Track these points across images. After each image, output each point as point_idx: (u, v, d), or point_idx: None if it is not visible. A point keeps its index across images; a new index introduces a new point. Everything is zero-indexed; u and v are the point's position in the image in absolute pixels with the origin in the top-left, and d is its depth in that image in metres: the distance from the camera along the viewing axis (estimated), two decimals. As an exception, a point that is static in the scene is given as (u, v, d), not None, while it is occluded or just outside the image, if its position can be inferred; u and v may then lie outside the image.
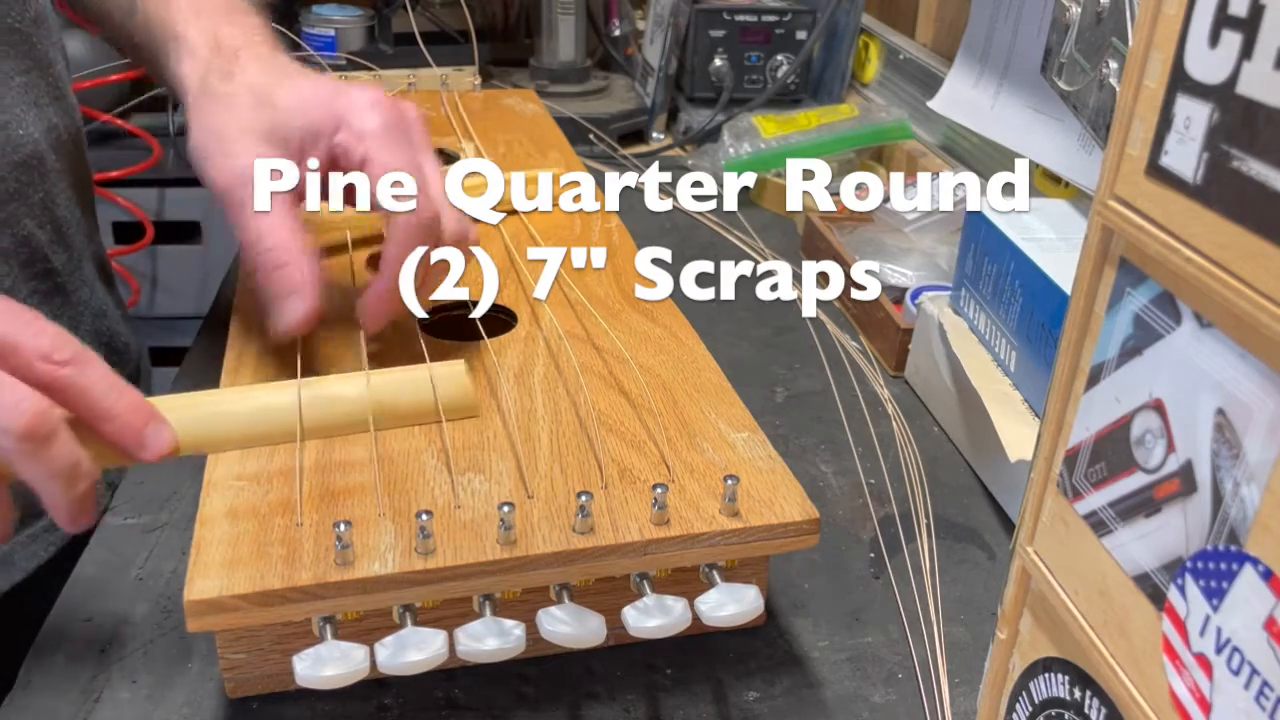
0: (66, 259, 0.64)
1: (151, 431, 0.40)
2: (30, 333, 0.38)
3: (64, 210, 0.63)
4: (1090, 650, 0.29)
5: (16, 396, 0.36)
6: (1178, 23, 0.25)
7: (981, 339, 0.64)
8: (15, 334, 0.38)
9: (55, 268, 0.63)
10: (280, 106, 0.48)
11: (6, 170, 0.57)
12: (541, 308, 0.55)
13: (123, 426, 0.40)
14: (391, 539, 0.39)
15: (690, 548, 0.41)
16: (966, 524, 0.55)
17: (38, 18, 0.61)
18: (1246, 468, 0.23)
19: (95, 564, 0.49)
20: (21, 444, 0.36)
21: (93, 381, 0.39)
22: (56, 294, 0.63)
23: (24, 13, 0.59)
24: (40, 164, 0.60)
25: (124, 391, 0.40)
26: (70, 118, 0.65)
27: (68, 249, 0.64)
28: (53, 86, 0.62)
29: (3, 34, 0.58)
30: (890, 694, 0.44)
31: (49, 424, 0.37)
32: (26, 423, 0.36)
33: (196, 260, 1.27)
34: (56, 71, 0.63)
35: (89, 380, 0.39)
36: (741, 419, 0.48)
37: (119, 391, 0.40)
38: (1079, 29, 0.62)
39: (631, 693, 0.43)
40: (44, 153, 0.61)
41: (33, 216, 0.60)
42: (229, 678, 0.42)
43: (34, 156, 0.59)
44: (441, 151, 0.80)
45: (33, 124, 0.60)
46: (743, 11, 1.08)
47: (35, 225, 0.60)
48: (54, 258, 0.63)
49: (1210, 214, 0.24)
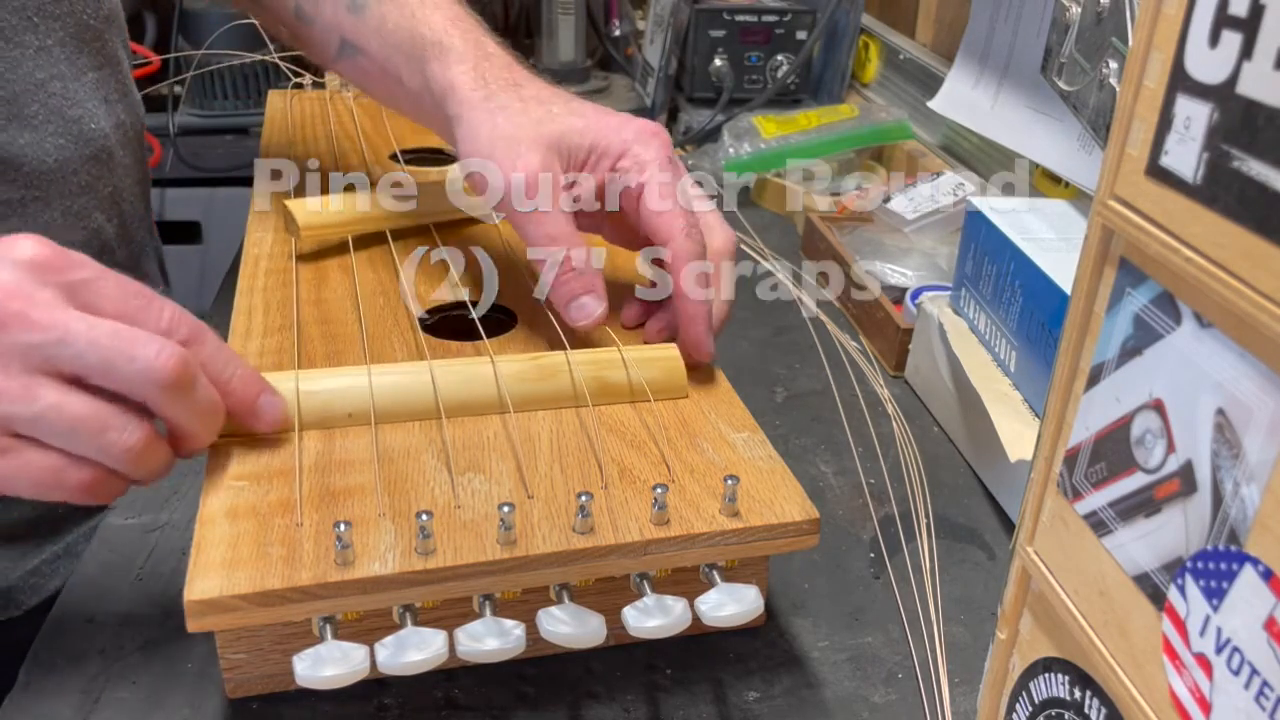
0: (129, 253, 0.65)
1: (264, 403, 0.43)
2: (150, 311, 0.40)
3: (129, 205, 0.64)
4: (1090, 650, 0.29)
5: (155, 348, 0.38)
6: (1178, 23, 0.25)
7: (981, 339, 0.64)
8: (135, 313, 0.39)
9: (120, 262, 0.64)
10: (569, 124, 0.51)
11: (79, 164, 0.58)
12: (541, 308, 0.55)
13: (238, 399, 0.42)
14: (391, 539, 0.39)
15: (690, 548, 0.41)
16: (966, 524, 0.55)
17: (110, 15, 0.62)
18: (1246, 468, 0.23)
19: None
20: (166, 392, 0.39)
21: (209, 356, 0.41)
22: None
23: (98, 10, 0.60)
24: (110, 158, 0.61)
25: (238, 365, 0.43)
26: (135, 114, 0.65)
27: (131, 243, 0.65)
28: (120, 83, 0.63)
29: (78, 30, 0.58)
30: (890, 694, 0.44)
31: (190, 370, 0.39)
32: (171, 370, 0.38)
33: (196, 260, 1.27)
34: (123, 68, 0.64)
35: (206, 355, 0.41)
36: (741, 419, 0.48)
37: (234, 365, 0.42)
38: (1079, 29, 0.62)
39: (631, 693, 0.43)
40: (113, 147, 0.62)
41: (102, 210, 0.61)
42: (229, 678, 0.42)
43: (104, 151, 0.60)
44: (441, 151, 0.80)
45: (103, 119, 0.60)
46: (743, 11, 1.08)
47: (104, 219, 0.61)
48: (119, 252, 0.64)
49: (1210, 214, 0.24)
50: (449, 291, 0.57)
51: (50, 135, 0.56)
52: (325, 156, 0.77)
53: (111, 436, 0.38)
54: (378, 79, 0.59)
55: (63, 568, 0.59)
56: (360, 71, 0.60)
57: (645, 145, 0.51)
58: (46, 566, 0.59)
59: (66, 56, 0.58)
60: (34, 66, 0.55)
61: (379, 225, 0.63)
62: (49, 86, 0.56)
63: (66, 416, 0.37)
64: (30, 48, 0.55)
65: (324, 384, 0.46)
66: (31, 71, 0.55)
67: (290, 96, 0.91)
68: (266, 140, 0.80)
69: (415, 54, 0.56)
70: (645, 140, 0.51)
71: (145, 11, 1.20)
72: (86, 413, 0.38)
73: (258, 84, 1.20)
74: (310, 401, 0.45)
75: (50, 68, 0.56)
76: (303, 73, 1.00)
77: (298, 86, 0.95)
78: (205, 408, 0.41)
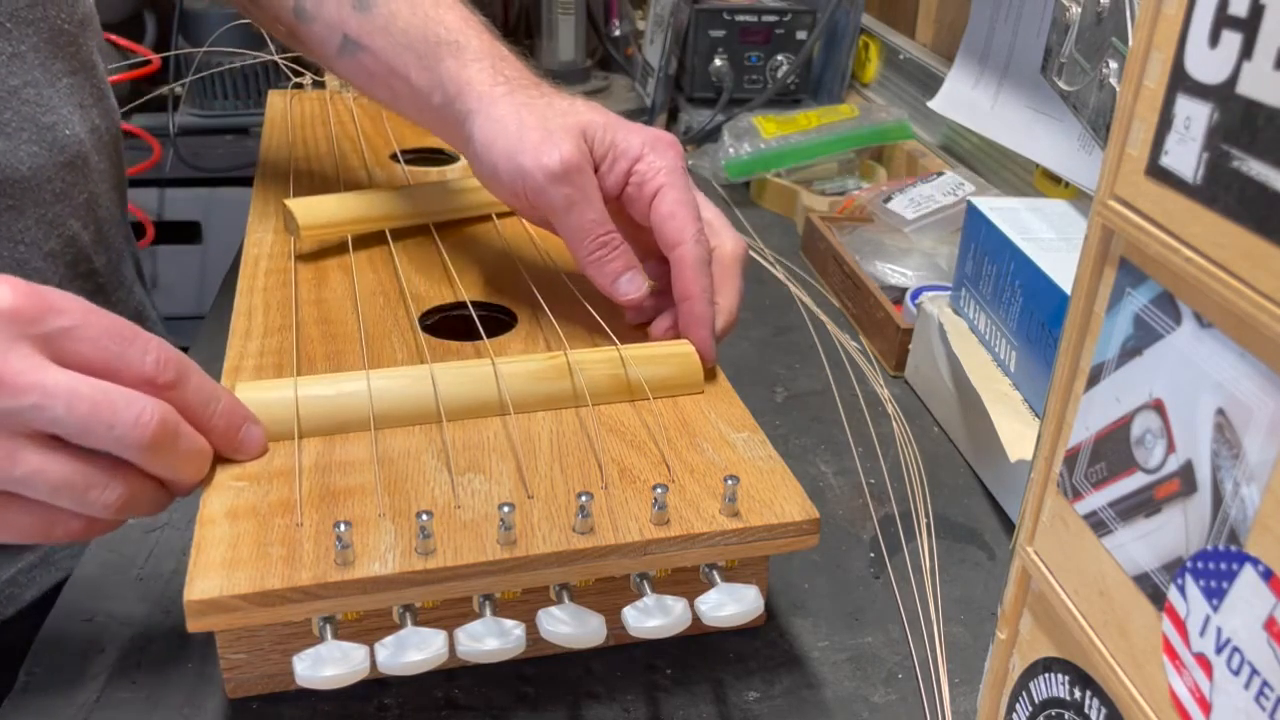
0: (107, 260, 0.65)
1: (246, 435, 0.43)
2: (133, 355, 0.39)
3: (105, 211, 0.64)
4: (1090, 650, 0.29)
5: (135, 412, 0.38)
6: (1178, 23, 0.25)
7: (981, 339, 0.64)
8: (117, 359, 0.39)
9: (97, 268, 0.63)
10: (592, 119, 0.52)
11: (54, 171, 0.58)
12: (541, 308, 0.55)
13: (221, 435, 0.42)
14: (391, 539, 0.39)
15: (690, 548, 0.41)
16: (966, 524, 0.55)
17: (85, 19, 0.61)
18: (1246, 468, 0.23)
19: (95, 564, 0.49)
20: (147, 453, 0.38)
21: (193, 393, 0.41)
22: (98, 295, 0.63)
23: (73, 14, 0.59)
24: (85, 165, 0.61)
25: (221, 399, 0.42)
26: (110, 119, 0.65)
27: (108, 250, 0.65)
28: (96, 87, 0.63)
29: (53, 35, 0.58)
30: (890, 694, 0.44)
31: (170, 429, 0.39)
32: (152, 434, 0.38)
33: (196, 260, 1.27)
34: (99, 73, 0.63)
35: (190, 393, 0.41)
36: (741, 419, 0.48)
37: (216, 400, 0.42)
38: (1079, 29, 0.62)
39: (631, 693, 0.43)
40: (88, 153, 0.61)
41: (78, 217, 0.61)
42: (229, 678, 0.42)
43: (79, 157, 0.60)
44: (441, 151, 0.80)
45: (78, 125, 0.60)
46: (743, 11, 1.08)
47: (80, 226, 0.61)
48: (96, 259, 0.63)
49: (1210, 214, 0.24)
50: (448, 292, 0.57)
51: (24, 143, 0.56)
52: (325, 156, 0.77)
53: (94, 495, 0.38)
54: (381, 77, 0.59)
55: (40, 577, 0.59)
56: (362, 69, 0.60)
57: (661, 153, 0.51)
58: (23, 576, 0.58)
59: (40, 62, 0.57)
60: (7, 73, 0.55)
61: (379, 225, 0.63)
62: (22, 93, 0.55)
63: (49, 481, 0.37)
64: (3, 54, 0.55)
65: (323, 390, 0.46)
66: (4, 78, 0.55)
67: (290, 96, 0.91)
68: (266, 140, 0.80)
69: (427, 51, 0.56)
70: (662, 148, 0.52)
71: (145, 11, 1.20)
72: (68, 475, 0.37)
73: (258, 84, 1.20)
74: (309, 408, 0.45)
75: (24, 74, 0.56)
76: (303, 73, 1.00)
77: (298, 86, 0.95)
78: (189, 458, 0.40)
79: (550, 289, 0.58)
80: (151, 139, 1.15)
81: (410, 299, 0.56)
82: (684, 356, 0.50)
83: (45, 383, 0.36)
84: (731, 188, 0.98)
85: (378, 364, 0.50)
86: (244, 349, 0.51)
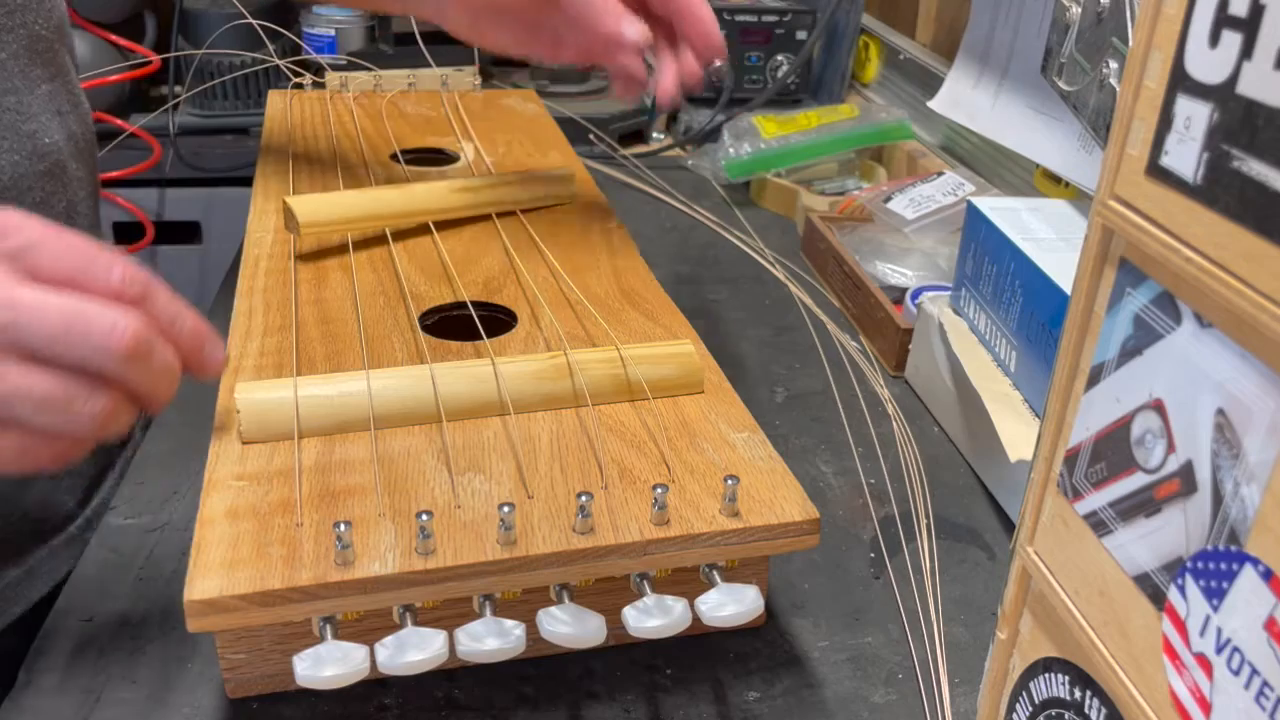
0: None
1: (209, 353, 0.43)
2: (98, 270, 0.39)
3: (83, 218, 0.63)
4: (1090, 650, 0.29)
5: (109, 322, 0.38)
6: (1178, 23, 0.25)
7: (981, 339, 0.64)
8: (83, 274, 0.39)
9: None
10: None
11: (34, 180, 0.57)
12: (541, 308, 0.55)
13: (186, 351, 0.42)
14: (391, 539, 0.39)
15: (690, 548, 0.41)
16: (966, 524, 0.55)
17: (59, 24, 0.60)
18: (1246, 468, 0.23)
19: (95, 564, 0.49)
20: (124, 364, 0.38)
21: (160, 310, 0.41)
22: None
23: (49, 20, 0.59)
24: (63, 172, 0.60)
25: (187, 316, 0.42)
26: (85, 124, 0.64)
27: None
28: (71, 93, 0.62)
29: (31, 42, 0.57)
30: (890, 694, 0.44)
31: (146, 339, 0.39)
32: (128, 344, 0.38)
33: (196, 260, 1.26)
34: (73, 78, 0.63)
35: (156, 314, 0.41)
36: (741, 419, 0.48)
37: (183, 317, 0.42)
38: (1079, 29, 0.62)
39: (631, 693, 0.43)
40: (66, 160, 0.60)
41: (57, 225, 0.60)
42: (229, 678, 0.42)
43: (58, 165, 0.59)
44: (441, 152, 0.80)
45: (56, 131, 0.59)
46: (743, 11, 1.08)
47: None
48: None
49: (1210, 214, 0.24)
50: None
51: (5, 151, 0.55)
52: (325, 156, 0.77)
53: (78, 406, 0.38)
54: None
55: (26, 591, 0.58)
56: None
57: None
58: (10, 590, 0.58)
59: (20, 70, 0.56)
60: None
61: (379, 224, 0.63)
62: (3, 101, 0.55)
63: (33, 395, 0.37)
64: None
65: (323, 390, 0.46)
66: None
67: (290, 96, 0.91)
68: (266, 140, 0.80)
69: None
70: None
71: (145, 11, 1.20)
72: (51, 389, 0.37)
73: (258, 84, 1.20)
74: (309, 408, 0.45)
75: (4, 82, 0.55)
76: (303, 73, 1.00)
77: (298, 86, 0.95)
78: (163, 371, 0.40)
79: (550, 289, 0.58)
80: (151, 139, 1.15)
81: (410, 299, 0.56)
82: (684, 356, 0.50)
83: (15, 297, 0.36)
84: (731, 188, 0.98)
85: (378, 364, 0.50)
86: (244, 349, 0.51)
